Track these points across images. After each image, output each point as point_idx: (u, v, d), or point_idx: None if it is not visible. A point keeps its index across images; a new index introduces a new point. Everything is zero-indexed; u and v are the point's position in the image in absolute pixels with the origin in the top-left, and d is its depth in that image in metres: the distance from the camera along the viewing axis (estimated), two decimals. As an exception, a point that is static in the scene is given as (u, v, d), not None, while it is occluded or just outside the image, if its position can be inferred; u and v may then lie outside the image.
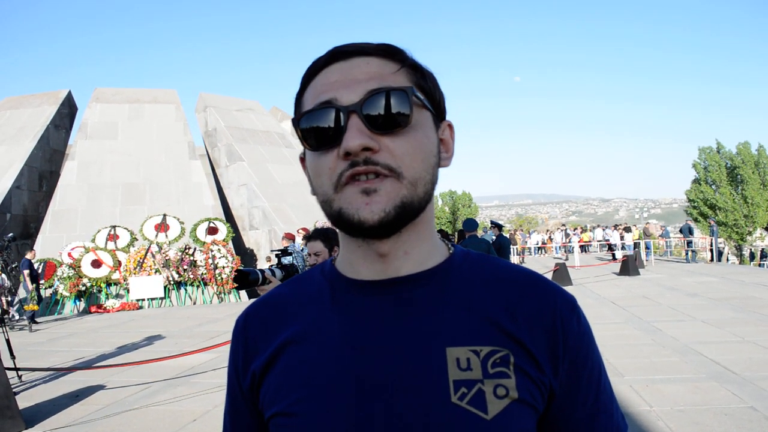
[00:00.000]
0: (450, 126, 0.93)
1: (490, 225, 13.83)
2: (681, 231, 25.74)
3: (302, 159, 0.95)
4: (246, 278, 4.19)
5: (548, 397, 0.86)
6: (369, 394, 0.81)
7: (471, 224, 10.40)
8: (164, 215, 19.37)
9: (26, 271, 15.51)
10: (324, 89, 0.84)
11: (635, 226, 33.59)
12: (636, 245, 27.54)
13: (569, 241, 33.06)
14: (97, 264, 17.79)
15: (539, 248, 37.43)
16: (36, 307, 14.82)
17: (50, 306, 17.32)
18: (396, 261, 0.87)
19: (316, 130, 0.83)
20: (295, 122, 0.86)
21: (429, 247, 0.91)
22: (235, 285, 4.27)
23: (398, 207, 0.80)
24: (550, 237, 38.99)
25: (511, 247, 27.46)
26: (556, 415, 0.87)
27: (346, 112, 0.80)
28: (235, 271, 4.21)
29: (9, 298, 14.55)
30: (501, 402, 0.80)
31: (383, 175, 0.79)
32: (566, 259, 27.36)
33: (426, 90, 0.87)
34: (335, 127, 0.81)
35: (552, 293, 0.90)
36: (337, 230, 0.90)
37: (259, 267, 13.52)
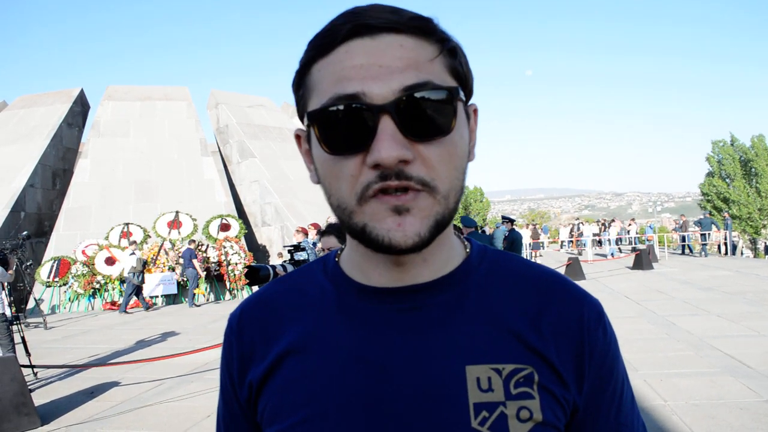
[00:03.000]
0: (475, 111, 0.81)
1: (501, 220, 13.76)
2: (701, 224, 25.40)
3: (298, 137, 0.83)
4: (257, 274, 4.19)
5: (571, 413, 0.81)
6: (380, 417, 0.74)
7: (469, 222, 10.45)
8: (177, 212, 19.42)
9: (195, 260, 17.09)
10: (347, 75, 0.70)
11: (619, 219, 33.49)
12: (618, 241, 27.55)
13: (580, 235, 32.76)
14: (110, 261, 17.89)
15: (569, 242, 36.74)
16: (202, 291, 18.00)
17: (64, 303, 17.49)
18: (414, 269, 0.79)
19: (338, 131, 0.70)
20: (312, 116, 0.73)
21: (447, 252, 0.83)
22: (247, 281, 4.27)
23: (432, 227, 0.71)
24: (571, 230, 38.26)
25: (532, 241, 27.43)
26: (577, 430, 0.83)
27: (378, 112, 0.68)
28: (246, 267, 4.21)
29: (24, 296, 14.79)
30: (524, 426, 0.73)
31: (415, 190, 0.69)
32: (580, 254, 27.17)
33: (462, 76, 0.76)
34: (363, 130, 0.69)
35: (578, 300, 0.84)
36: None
37: (271, 263, 13.56)
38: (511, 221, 13.41)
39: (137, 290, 16.39)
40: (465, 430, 0.72)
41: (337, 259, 0.89)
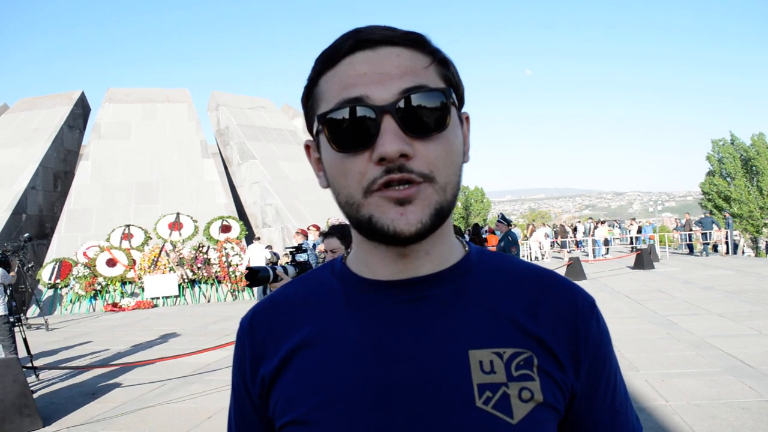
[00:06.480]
0: (467, 118, 0.88)
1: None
2: (702, 223, 25.35)
3: (308, 147, 0.90)
4: (256, 275, 4.18)
5: (569, 399, 0.85)
6: (390, 400, 0.78)
7: (507, 220, 11.25)
8: (178, 214, 19.45)
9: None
10: (351, 82, 0.77)
11: (602, 220, 33.47)
12: (606, 242, 27.57)
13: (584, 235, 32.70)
14: (111, 263, 17.91)
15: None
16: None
17: (66, 305, 17.50)
18: (416, 261, 0.84)
19: (345, 130, 0.76)
20: (321, 118, 0.79)
21: (448, 246, 0.88)
22: (248, 282, 4.27)
23: (433, 215, 0.77)
24: (574, 228, 38.01)
25: (560, 239, 27.46)
26: (576, 417, 0.86)
27: (380, 112, 0.75)
28: (246, 269, 4.21)
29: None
30: (526, 406, 0.78)
31: (417, 182, 0.75)
32: (594, 255, 27.09)
33: (453, 84, 0.83)
34: (368, 128, 0.75)
35: (572, 292, 0.88)
36: (355, 231, 0.86)
37: (271, 264, 13.58)
38: (508, 222, 13.48)
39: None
40: (470, 409, 0.76)
41: (344, 261, 0.94)
